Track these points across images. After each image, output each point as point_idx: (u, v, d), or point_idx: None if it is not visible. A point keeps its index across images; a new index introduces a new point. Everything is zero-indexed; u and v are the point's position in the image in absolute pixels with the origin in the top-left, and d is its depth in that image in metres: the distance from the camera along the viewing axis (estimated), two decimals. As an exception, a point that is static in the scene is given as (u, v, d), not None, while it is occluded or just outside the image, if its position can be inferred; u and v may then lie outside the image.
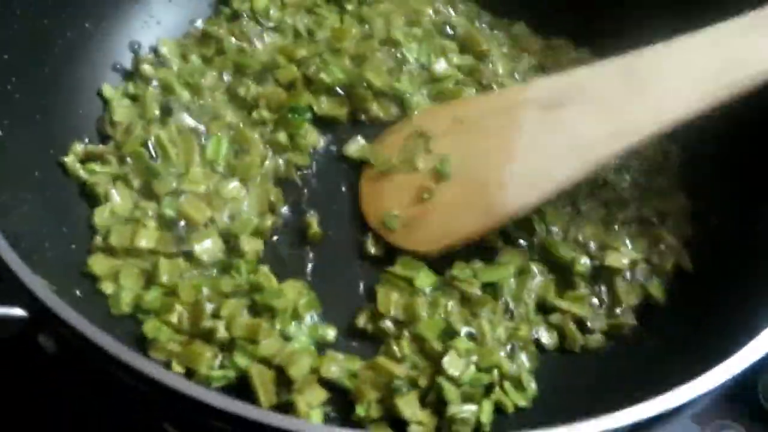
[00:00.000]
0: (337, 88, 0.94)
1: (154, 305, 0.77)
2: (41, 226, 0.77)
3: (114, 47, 0.94)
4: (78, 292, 0.76)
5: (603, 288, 0.83)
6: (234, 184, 0.85)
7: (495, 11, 1.03)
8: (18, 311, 0.57)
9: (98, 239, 0.81)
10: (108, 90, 0.91)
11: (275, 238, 0.86)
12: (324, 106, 0.93)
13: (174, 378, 0.52)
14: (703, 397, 0.57)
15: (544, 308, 0.82)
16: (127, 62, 0.94)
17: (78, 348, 0.54)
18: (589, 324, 0.81)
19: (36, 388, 0.76)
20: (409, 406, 0.73)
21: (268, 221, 0.85)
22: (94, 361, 0.54)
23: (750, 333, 0.60)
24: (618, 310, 0.82)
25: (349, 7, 1.00)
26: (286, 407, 0.73)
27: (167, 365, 0.74)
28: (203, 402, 0.51)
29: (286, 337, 0.77)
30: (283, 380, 0.74)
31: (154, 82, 0.92)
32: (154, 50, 0.95)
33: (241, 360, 0.75)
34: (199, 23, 0.99)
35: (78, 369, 0.59)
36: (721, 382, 0.57)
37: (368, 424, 0.73)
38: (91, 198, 0.84)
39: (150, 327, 0.76)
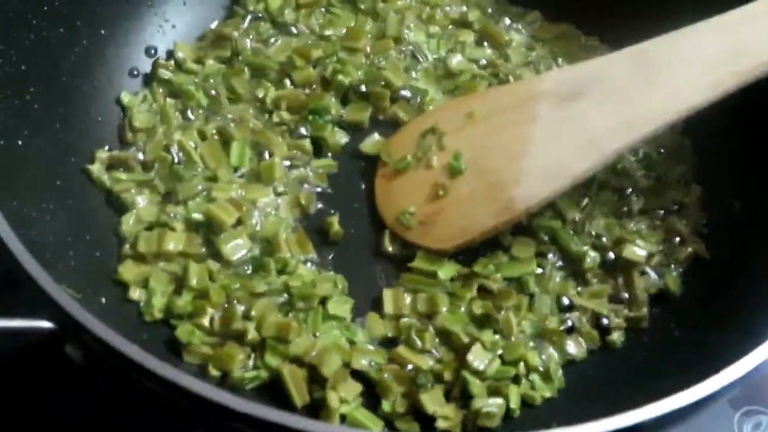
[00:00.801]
0: (357, 87, 0.92)
1: (185, 309, 0.78)
2: (65, 236, 0.77)
3: (130, 53, 0.94)
4: (103, 300, 0.76)
5: (620, 280, 0.82)
6: (262, 188, 0.86)
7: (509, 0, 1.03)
8: (44, 323, 0.58)
9: (126, 247, 0.81)
10: (126, 97, 0.91)
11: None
12: (346, 112, 0.93)
13: (202, 385, 0.52)
14: (736, 383, 0.57)
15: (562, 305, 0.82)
16: (144, 67, 0.95)
17: (106, 358, 0.55)
18: (606, 321, 0.81)
19: (64, 399, 0.76)
20: (433, 402, 0.74)
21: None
22: (123, 371, 0.55)
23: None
24: (635, 304, 0.82)
25: (363, 6, 0.99)
26: (320, 404, 0.73)
27: (202, 368, 0.75)
28: (231, 408, 0.52)
29: (318, 329, 0.78)
30: (316, 377, 0.74)
31: (173, 87, 0.92)
32: (171, 54, 0.95)
33: (272, 360, 0.75)
34: (214, 25, 0.99)
35: (106, 378, 0.60)
36: (752, 367, 0.57)
37: (395, 419, 0.74)
38: (117, 205, 0.85)
39: (182, 331, 0.76)
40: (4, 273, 0.59)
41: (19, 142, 0.76)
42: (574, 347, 0.79)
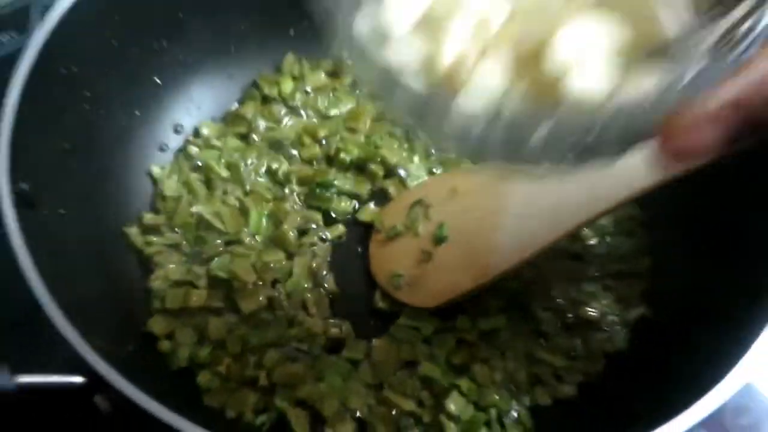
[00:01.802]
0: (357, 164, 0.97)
1: (206, 359, 0.82)
2: (99, 294, 0.81)
3: (160, 130, 0.98)
4: (131, 348, 0.80)
5: (578, 340, 0.86)
6: (277, 252, 0.89)
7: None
8: (77, 378, 0.62)
9: (155, 302, 0.86)
10: (156, 170, 0.96)
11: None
12: (348, 184, 0.96)
13: None
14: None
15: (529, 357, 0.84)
16: (172, 143, 0.99)
17: (127, 408, 0.58)
18: (563, 375, 0.84)
19: None
20: None
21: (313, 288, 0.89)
22: (144, 420, 0.57)
23: (711, 381, 0.61)
24: (591, 359, 0.85)
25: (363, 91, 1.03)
26: None
27: (221, 411, 0.79)
28: None
29: (319, 378, 0.81)
30: (318, 417, 0.79)
31: (198, 162, 0.96)
32: (196, 131, 1.00)
33: (280, 403, 0.80)
34: (235, 106, 1.03)
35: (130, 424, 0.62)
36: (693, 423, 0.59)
37: None
38: (147, 265, 0.89)
39: (203, 378, 0.81)
40: (44, 334, 0.61)
41: (61, 211, 0.79)
42: (540, 395, 0.83)
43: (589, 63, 0.44)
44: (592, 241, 0.93)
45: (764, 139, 0.46)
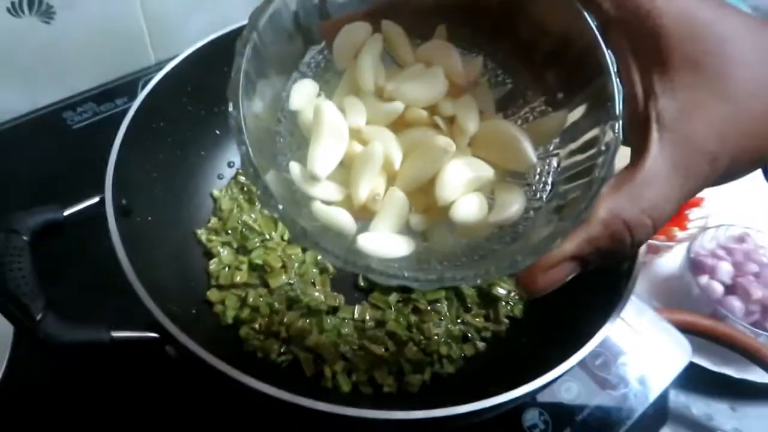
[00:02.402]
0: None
1: (246, 318, 0.81)
2: (173, 275, 0.79)
3: (218, 164, 0.96)
4: (194, 311, 0.80)
5: (491, 309, 0.84)
6: (296, 248, 0.87)
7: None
8: (152, 334, 0.61)
9: (212, 280, 0.84)
10: (216, 192, 0.94)
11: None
12: None
13: (240, 374, 0.53)
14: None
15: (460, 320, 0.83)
16: (227, 173, 0.97)
17: (188, 355, 0.56)
18: (481, 333, 0.83)
19: (164, 382, 0.75)
20: (382, 376, 0.77)
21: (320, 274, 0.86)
22: (198, 363, 0.56)
23: (583, 338, 0.60)
24: (498, 322, 0.84)
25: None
26: (321, 373, 0.76)
27: (254, 354, 0.78)
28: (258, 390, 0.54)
29: (322, 330, 0.80)
30: (320, 358, 0.78)
31: (244, 187, 0.94)
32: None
33: (294, 349, 0.79)
34: None
35: (190, 368, 0.59)
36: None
37: (360, 384, 0.77)
38: (208, 255, 0.87)
39: (243, 332, 0.80)
40: (132, 303, 0.59)
41: (149, 218, 0.79)
42: (467, 347, 0.81)
43: (465, 196, 0.41)
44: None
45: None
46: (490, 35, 0.42)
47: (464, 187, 0.41)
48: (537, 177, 0.42)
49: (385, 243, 0.40)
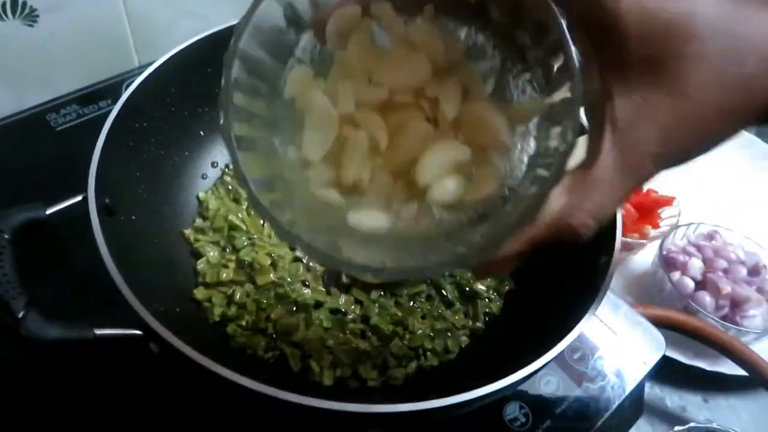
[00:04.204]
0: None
1: (233, 315, 0.79)
2: (159, 272, 0.77)
3: (202, 165, 0.94)
4: (178, 310, 0.77)
5: (469, 305, 0.84)
6: (283, 247, 0.86)
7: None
8: (136, 331, 0.59)
9: (199, 278, 0.83)
10: (202, 194, 0.92)
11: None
12: None
13: (224, 370, 0.52)
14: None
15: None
16: (210, 173, 0.95)
17: (171, 351, 0.55)
18: (460, 329, 0.82)
19: (147, 379, 0.74)
20: (366, 371, 0.76)
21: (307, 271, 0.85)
22: (181, 360, 0.54)
23: (560, 333, 0.59)
24: (476, 319, 0.83)
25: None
26: (308, 368, 0.75)
27: (242, 350, 0.76)
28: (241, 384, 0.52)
29: (309, 325, 0.78)
30: (306, 353, 0.77)
31: (230, 186, 0.93)
32: (227, 165, 0.96)
33: (281, 344, 0.77)
34: None
35: (174, 364, 0.58)
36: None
37: (346, 379, 0.75)
38: (195, 254, 0.86)
39: (230, 329, 0.78)
40: (116, 301, 0.58)
41: (133, 217, 0.77)
42: (451, 342, 0.80)
43: (443, 178, 0.41)
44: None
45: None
46: (473, 14, 0.42)
47: (443, 169, 0.41)
48: (517, 159, 0.42)
49: (372, 218, 0.41)
